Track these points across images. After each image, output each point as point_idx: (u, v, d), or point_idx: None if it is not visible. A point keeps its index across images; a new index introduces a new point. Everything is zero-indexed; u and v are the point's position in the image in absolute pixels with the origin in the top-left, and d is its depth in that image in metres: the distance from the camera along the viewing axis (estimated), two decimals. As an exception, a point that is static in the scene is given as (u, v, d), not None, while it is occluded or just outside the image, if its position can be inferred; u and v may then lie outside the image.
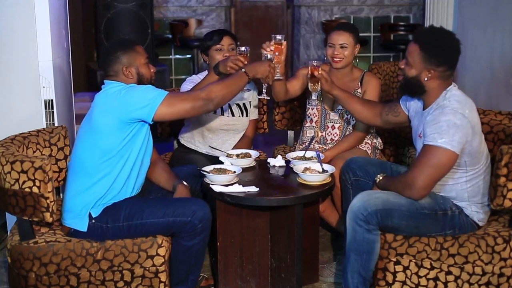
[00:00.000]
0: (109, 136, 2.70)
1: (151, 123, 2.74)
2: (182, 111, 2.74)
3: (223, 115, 3.56)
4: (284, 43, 3.10)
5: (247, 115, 3.63)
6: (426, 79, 2.67)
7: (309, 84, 3.14)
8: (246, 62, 3.11)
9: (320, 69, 3.08)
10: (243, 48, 3.16)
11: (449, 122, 2.58)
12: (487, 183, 2.78)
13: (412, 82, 2.70)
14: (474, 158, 2.69)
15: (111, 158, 2.72)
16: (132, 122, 2.70)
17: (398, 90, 3.02)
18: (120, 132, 2.70)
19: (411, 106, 2.92)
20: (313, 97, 3.50)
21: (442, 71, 2.65)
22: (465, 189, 2.73)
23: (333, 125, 3.52)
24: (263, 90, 3.15)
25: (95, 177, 2.74)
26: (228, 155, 3.25)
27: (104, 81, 2.85)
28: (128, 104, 2.67)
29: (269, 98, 3.27)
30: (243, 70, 2.94)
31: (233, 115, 3.58)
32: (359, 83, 3.50)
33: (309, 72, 3.10)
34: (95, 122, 2.72)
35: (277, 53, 3.08)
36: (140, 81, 2.83)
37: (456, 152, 2.58)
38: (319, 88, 3.11)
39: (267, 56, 3.05)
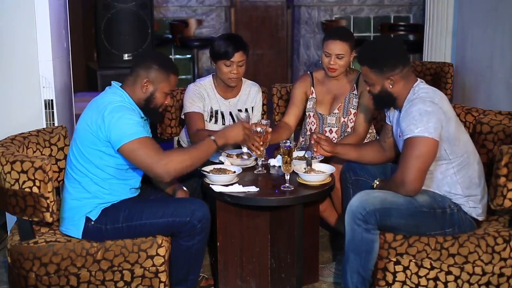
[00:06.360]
0: (89, 143, 2.70)
1: (116, 152, 2.68)
2: (138, 163, 2.65)
3: (224, 124, 3.50)
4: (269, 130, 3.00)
5: (249, 122, 3.57)
6: (390, 86, 2.76)
7: (282, 165, 2.89)
8: (262, 143, 2.96)
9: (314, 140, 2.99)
10: (259, 129, 2.94)
11: (420, 110, 2.63)
12: (479, 173, 2.79)
13: (381, 96, 2.80)
14: (453, 146, 2.70)
15: (91, 163, 2.72)
16: (104, 140, 2.68)
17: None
18: (99, 142, 2.69)
19: (391, 116, 2.94)
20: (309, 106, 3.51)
21: (399, 71, 2.74)
22: (456, 181, 2.74)
23: (330, 129, 3.50)
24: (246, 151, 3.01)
25: (82, 181, 2.74)
26: (228, 155, 3.25)
27: (112, 82, 2.83)
28: (105, 127, 2.64)
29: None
30: (212, 137, 2.78)
31: (234, 122, 3.51)
32: (355, 85, 3.49)
33: (282, 154, 2.88)
34: (79, 128, 2.74)
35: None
36: (149, 100, 2.78)
37: (435, 138, 2.61)
38: (291, 170, 2.90)
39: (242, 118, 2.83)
